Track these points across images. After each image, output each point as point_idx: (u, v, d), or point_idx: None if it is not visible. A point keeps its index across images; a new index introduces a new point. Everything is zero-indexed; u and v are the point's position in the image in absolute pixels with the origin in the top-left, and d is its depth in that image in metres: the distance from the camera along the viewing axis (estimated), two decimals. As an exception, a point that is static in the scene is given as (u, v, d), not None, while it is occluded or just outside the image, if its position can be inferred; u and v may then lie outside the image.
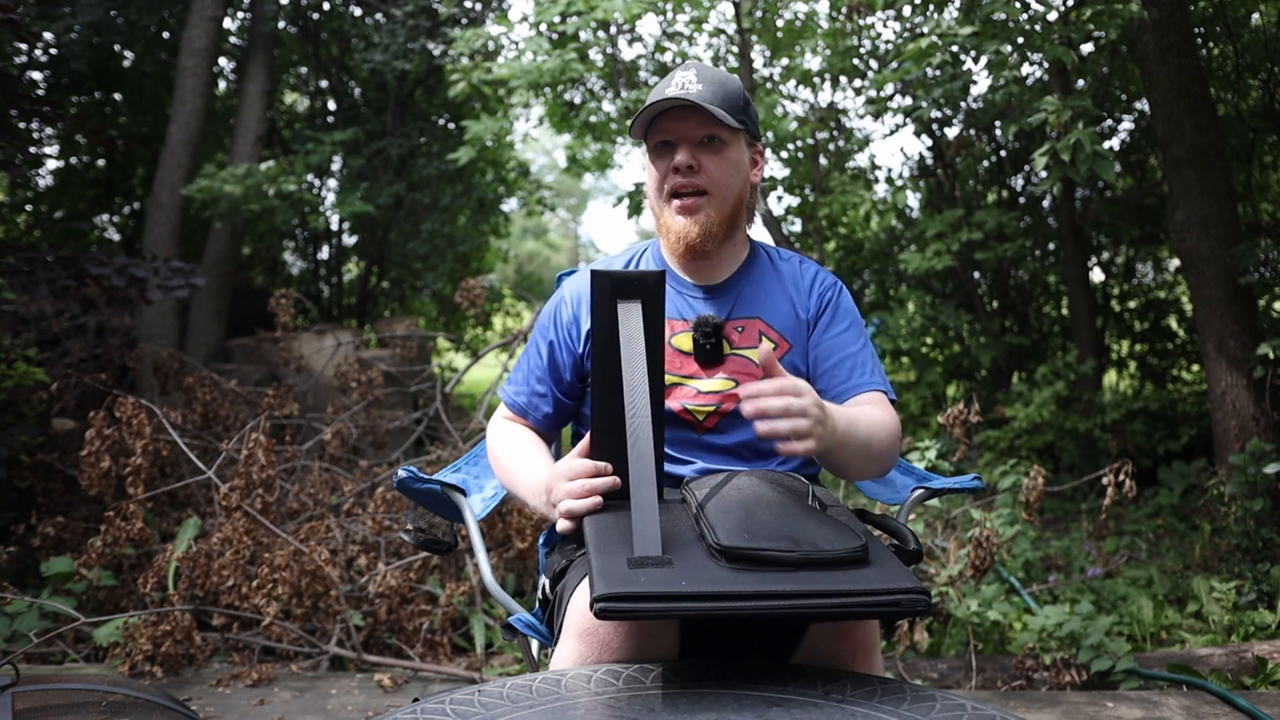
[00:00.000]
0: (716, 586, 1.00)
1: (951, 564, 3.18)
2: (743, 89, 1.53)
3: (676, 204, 1.50)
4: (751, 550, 1.05)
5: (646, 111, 1.47)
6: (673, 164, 1.48)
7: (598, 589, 1.00)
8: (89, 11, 6.41)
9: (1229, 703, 2.56)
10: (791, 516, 1.14)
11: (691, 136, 1.48)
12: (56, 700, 1.62)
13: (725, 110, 1.46)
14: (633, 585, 0.99)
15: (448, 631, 3.26)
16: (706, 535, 1.11)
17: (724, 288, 1.58)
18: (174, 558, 3.05)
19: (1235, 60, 5.29)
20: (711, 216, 1.50)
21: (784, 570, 1.04)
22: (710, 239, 1.51)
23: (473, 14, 6.98)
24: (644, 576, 1.01)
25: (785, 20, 6.01)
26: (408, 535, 1.61)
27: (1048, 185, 3.80)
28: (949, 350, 6.76)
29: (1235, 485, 3.62)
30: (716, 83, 1.48)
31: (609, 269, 1.27)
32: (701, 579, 1.01)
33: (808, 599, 1.00)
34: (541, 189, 8.90)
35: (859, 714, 0.95)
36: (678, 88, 1.46)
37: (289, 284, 8.43)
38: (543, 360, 1.62)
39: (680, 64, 1.54)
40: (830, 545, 1.07)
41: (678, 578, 1.01)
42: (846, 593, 1.00)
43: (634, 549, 1.07)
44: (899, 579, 1.03)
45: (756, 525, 1.11)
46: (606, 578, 1.01)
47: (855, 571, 1.05)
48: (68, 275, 3.46)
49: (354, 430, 4.35)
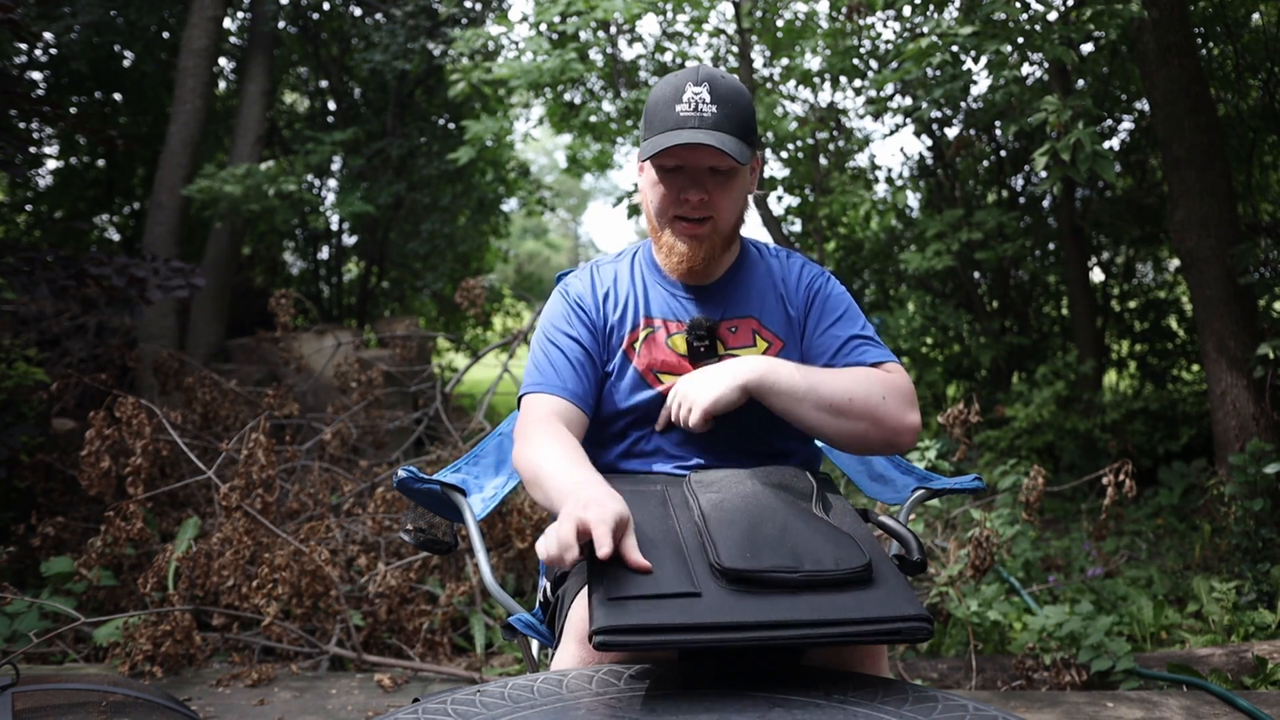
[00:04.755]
0: (715, 617, 0.99)
1: (951, 564, 3.18)
2: (750, 100, 1.50)
3: (681, 227, 1.50)
4: (752, 573, 1.04)
5: (659, 134, 1.44)
6: (683, 195, 1.47)
7: (596, 620, 0.99)
8: (89, 11, 6.41)
9: (1229, 703, 2.56)
10: (796, 528, 1.13)
11: (703, 165, 1.46)
12: (56, 700, 1.62)
13: (739, 136, 1.44)
14: (627, 617, 0.99)
15: (448, 631, 3.26)
16: (709, 552, 1.10)
17: (716, 288, 1.58)
18: (174, 558, 3.05)
19: (1235, 60, 5.29)
20: (715, 240, 1.52)
21: (785, 592, 1.03)
22: (711, 259, 1.53)
23: (473, 14, 6.98)
24: (642, 607, 1.01)
25: (785, 20, 6.01)
26: (408, 535, 1.61)
27: (1048, 185, 3.80)
28: (949, 350, 6.76)
29: (1235, 485, 3.62)
30: (729, 102, 1.44)
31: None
32: (701, 608, 1.00)
33: (807, 629, 0.99)
34: (541, 189, 8.90)
35: (861, 714, 0.95)
36: (690, 106, 1.43)
37: (289, 284, 8.43)
38: (573, 344, 1.54)
39: (688, 69, 1.49)
40: (834, 564, 1.06)
41: (677, 609, 1.00)
42: (847, 621, 1.00)
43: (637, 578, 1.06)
44: (902, 604, 1.02)
45: (759, 540, 1.09)
46: (606, 607, 1.01)
47: (858, 594, 1.04)
48: (68, 275, 3.45)
49: (354, 430, 4.34)
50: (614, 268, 1.64)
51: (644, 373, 1.54)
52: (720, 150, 1.41)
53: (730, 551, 1.08)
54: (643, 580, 1.06)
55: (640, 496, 1.29)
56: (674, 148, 1.43)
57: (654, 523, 1.20)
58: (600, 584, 1.06)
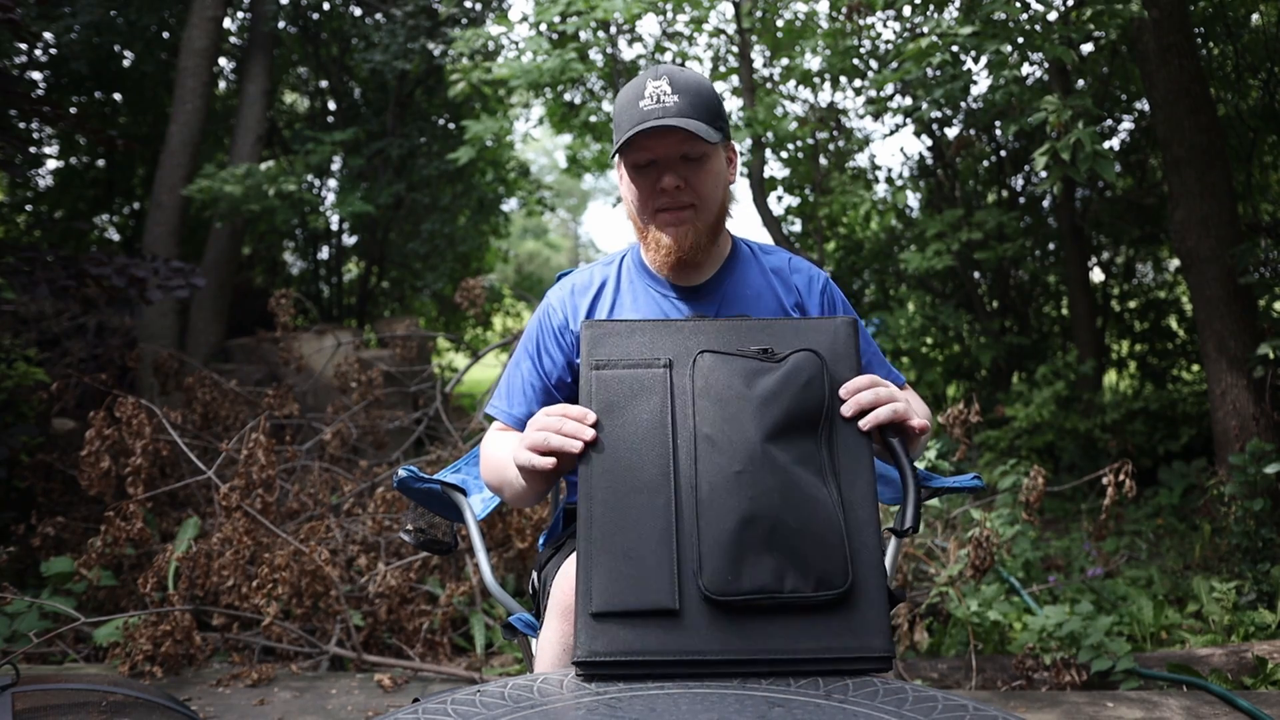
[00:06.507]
0: (690, 647, 1.06)
1: (951, 564, 3.18)
2: (714, 89, 1.50)
3: (664, 218, 1.49)
4: (730, 599, 1.07)
5: (626, 132, 1.44)
6: (660, 185, 1.47)
7: (580, 646, 1.06)
8: (89, 11, 6.41)
9: (1229, 703, 2.56)
10: (787, 527, 1.11)
11: (674, 153, 1.46)
12: (56, 700, 1.62)
13: (705, 121, 1.44)
14: (609, 643, 1.06)
15: (448, 631, 3.26)
16: (693, 565, 1.11)
17: (708, 287, 1.57)
18: (174, 558, 3.05)
19: (1235, 60, 5.29)
20: (699, 228, 1.50)
21: (762, 616, 1.08)
22: (698, 249, 1.52)
23: (473, 14, 6.98)
24: (624, 631, 1.07)
25: (785, 20, 6.01)
26: (408, 535, 1.61)
27: (1048, 185, 3.80)
28: (949, 350, 6.76)
29: (1235, 485, 3.62)
30: (691, 91, 1.45)
31: None
32: (678, 635, 1.07)
33: (770, 662, 1.06)
34: (541, 189, 8.90)
35: (861, 714, 0.95)
36: (652, 100, 1.43)
37: (289, 284, 8.43)
38: (540, 369, 1.59)
39: (647, 70, 1.49)
40: (814, 588, 1.08)
41: (655, 632, 1.07)
42: (810, 653, 1.06)
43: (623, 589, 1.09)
44: (871, 635, 1.07)
45: (745, 553, 1.10)
46: (590, 630, 1.07)
47: (831, 622, 1.08)
48: (68, 275, 3.46)
49: (354, 430, 4.34)
50: (602, 272, 1.63)
51: None
52: (687, 131, 1.41)
53: (713, 570, 1.09)
54: (626, 589, 1.08)
55: (639, 382, 1.23)
56: (640, 139, 1.43)
57: (650, 517, 1.15)
58: (585, 594, 1.09)
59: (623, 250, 1.67)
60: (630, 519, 1.13)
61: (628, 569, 1.10)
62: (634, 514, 1.14)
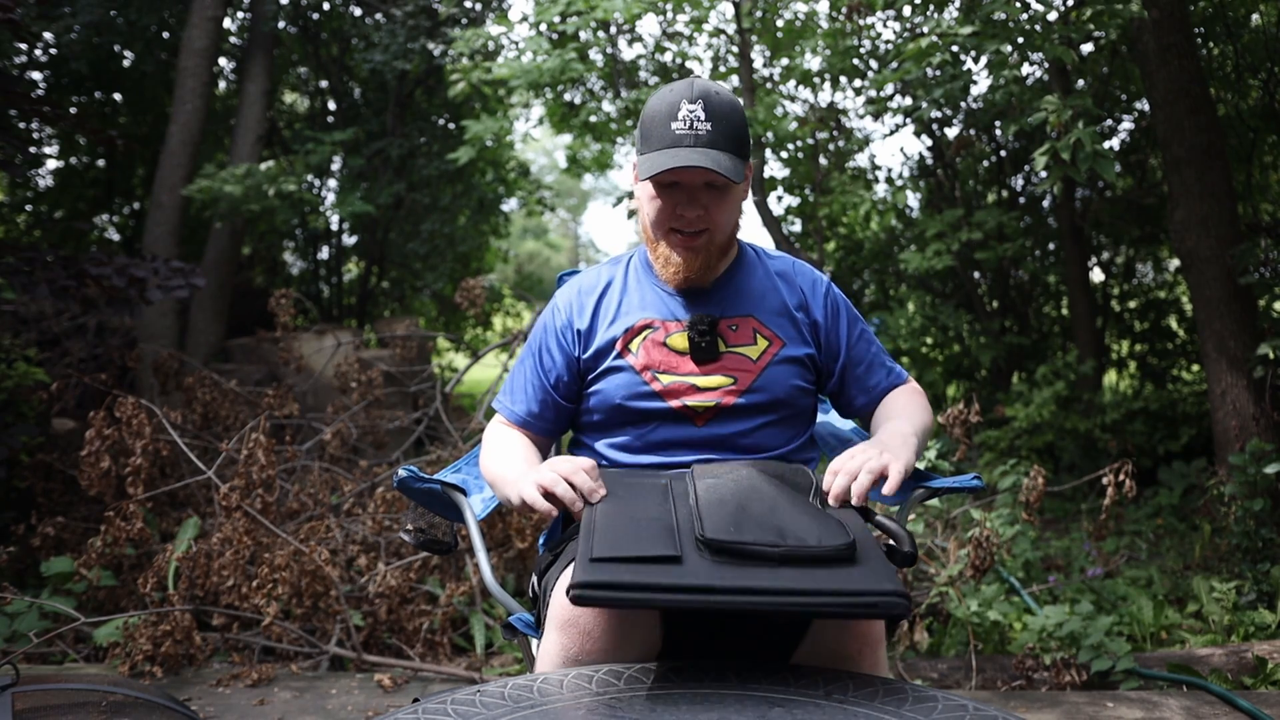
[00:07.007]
0: (692, 579, 1.01)
1: (951, 564, 3.18)
2: (743, 114, 1.53)
3: (676, 239, 1.54)
4: (734, 544, 1.06)
5: (656, 151, 1.47)
6: (679, 210, 1.51)
7: (575, 576, 1.02)
8: (89, 11, 6.41)
9: (1229, 703, 2.56)
10: (784, 509, 1.15)
11: (699, 180, 1.49)
12: (56, 700, 1.62)
13: (734, 152, 1.47)
14: (606, 575, 1.01)
15: (448, 631, 3.26)
16: (695, 526, 1.13)
17: (714, 289, 1.60)
18: (174, 558, 3.05)
19: (1235, 60, 5.29)
20: (711, 251, 1.55)
21: (766, 565, 1.05)
22: (707, 269, 1.57)
23: (473, 14, 6.98)
24: (622, 568, 1.02)
25: (785, 20, 6.01)
26: (408, 535, 1.61)
27: (1048, 185, 3.80)
28: (949, 350, 6.76)
29: (1235, 485, 3.62)
30: (724, 119, 1.47)
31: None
32: (680, 572, 1.02)
33: (783, 596, 1.00)
34: (541, 189, 8.90)
35: (861, 714, 0.95)
36: (685, 124, 1.46)
37: (289, 284, 8.43)
38: (540, 368, 1.63)
39: (683, 84, 1.51)
40: (817, 541, 1.08)
41: (655, 570, 1.02)
42: (822, 592, 1.00)
43: (622, 543, 1.08)
44: (880, 580, 1.03)
45: (745, 518, 1.12)
46: (585, 566, 1.03)
47: (838, 570, 1.05)
48: (68, 275, 3.45)
49: (354, 430, 4.34)
50: (609, 271, 1.67)
51: (641, 372, 1.55)
52: (716, 171, 1.44)
53: (715, 524, 1.10)
54: (626, 542, 1.08)
55: (640, 488, 1.30)
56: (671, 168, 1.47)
57: (650, 508, 1.21)
58: (585, 544, 1.08)
59: (630, 251, 1.71)
60: (631, 493, 1.22)
61: (629, 527, 1.12)
62: (635, 490, 1.25)
